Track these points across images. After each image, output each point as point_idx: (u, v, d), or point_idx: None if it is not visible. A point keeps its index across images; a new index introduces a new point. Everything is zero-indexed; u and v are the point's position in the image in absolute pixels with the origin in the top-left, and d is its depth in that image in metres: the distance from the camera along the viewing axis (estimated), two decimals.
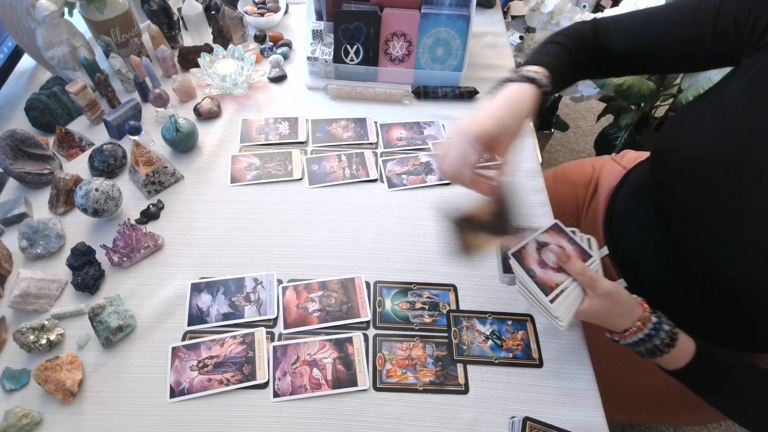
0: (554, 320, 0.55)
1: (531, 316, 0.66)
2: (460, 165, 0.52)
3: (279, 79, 0.99)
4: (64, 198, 0.75)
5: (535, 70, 0.58)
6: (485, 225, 0.58)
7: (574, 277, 0.56)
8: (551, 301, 0.55)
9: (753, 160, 0.52)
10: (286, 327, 0.64)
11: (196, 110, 0.90)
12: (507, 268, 0.61)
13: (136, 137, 0.80)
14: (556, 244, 0.60)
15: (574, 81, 0.68)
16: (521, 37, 1.47)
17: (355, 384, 0.59)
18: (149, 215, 0.75)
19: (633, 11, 0.66)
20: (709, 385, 0.57)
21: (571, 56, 0.64)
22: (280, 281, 0.69)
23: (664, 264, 0.61)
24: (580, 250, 0.60)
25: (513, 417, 0.57)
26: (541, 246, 0.60)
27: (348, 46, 0.93)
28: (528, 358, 0.62)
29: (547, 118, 1.63)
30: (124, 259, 0.68)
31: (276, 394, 0.58)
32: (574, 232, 0.62)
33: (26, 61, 1.00)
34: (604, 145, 1.40)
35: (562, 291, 0.56)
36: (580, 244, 0.60)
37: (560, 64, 0.62)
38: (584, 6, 1.27)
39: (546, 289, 0.56)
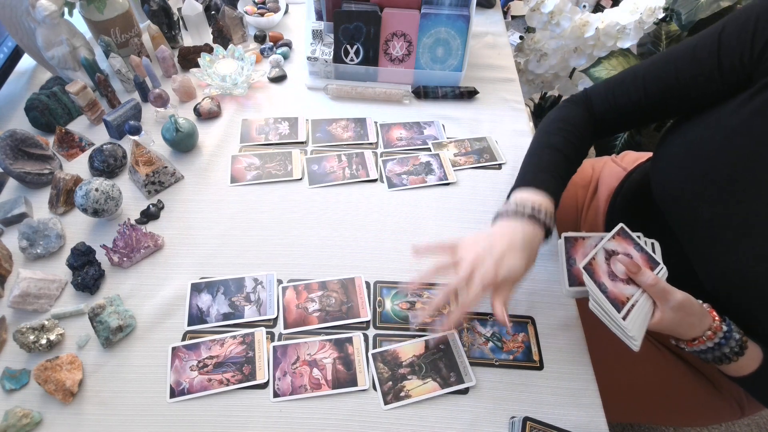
0: (628, 339, 0.52)
1: (532, 318, 0.66)
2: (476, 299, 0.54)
3: (279, 79, 0.99)
4: (64, 198, 0.75)
5: (539, 207, 0.58)
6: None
7: (644, 289, 0.53)
8: (623, 318, 0.51)
9: (758, 180, 0.52)
10: (286, 327, 0.64)
11: (196, 110, 0.90)
12: (573, 281, 0.57)
13: (136, 137, 0.80)
14: (623, 252, 0.57)
15: (574, 172, 0.69)
16: (521, 37, 1.47)
17: (355, 384, 0.59)
18: (149, 215, 0.75)
19: (620, 73, 0.67)
20: None
21: (568, 159, 0.65)
22: (280, 281, 0.69)
23: (675, 282, 0.60)
24: (647, 257, 0.57)
25: (513, 417, 0.57)
26: (609, 255, 0.56)
27: (348, 46, 0.93)
28: (528, 360, 0.62)
29: None
30: (124, 259, 0.68)
31: (276, 394, 0.58)
32: (639, 237, 0.58)
33: (26, 61, 1.00)
34: (604, 145, 1.40)
35: (632, 305, 0.52)
36: (647, 250, 0.57)
37: (561, 177, 0.64)
38: (584, 6, 1.27)
39: (617, 304, 0.52)
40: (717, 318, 0.54)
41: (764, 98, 0.52)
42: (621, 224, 0.59)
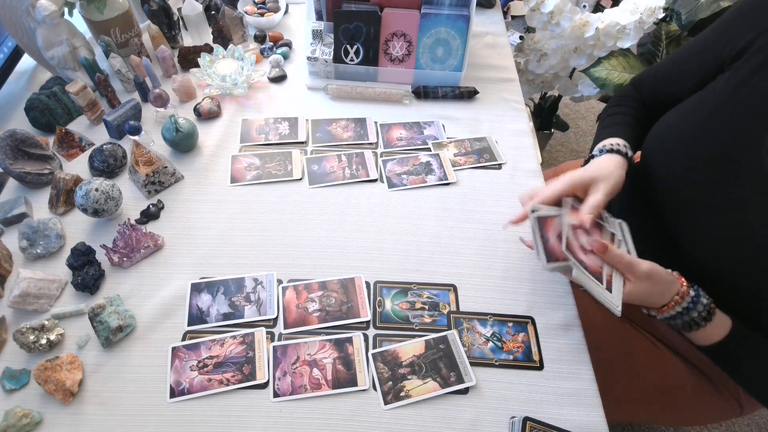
0: (613, 307, 0.55)
1: (532, 318, 0.66)
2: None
3: (279, 79, 0.99)
4: (64, 198, 0.75)
5: (616, 143, 0.66)
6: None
7: (612, 265, 0.57)
8: (608, 290, 0.56)
9: (738, 160, 0.55)
10: (286, 327, 0.64)
11: (196, 110, 0.90)
12: (550, 258, 0.61)
13: (136, 137, 0.80)
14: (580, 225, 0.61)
15: (647, 132, 0.74)
16: (521, 37, 1.47)
17: (355, 384, 0.59)
18: (149, 215, 0.75)
19: (665, 62, 0.73)
20: (739, 361, 0.58)
21: (635, 116, 0.73)
22: (280, 281, 0.69)
23: (660, 260, 0.62)
24: (600, 227, 0.61)
25: (513, 417, 0.57)
26: (574, 228, 0.61)
27: (348, 46, 0.93)
28: (528, 360, 0.62)
29: (547, 118, 1.63)
30: (124, 259, 0.68)
31: (276, 394, 0.58)
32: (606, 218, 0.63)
33: (26, 61, 1.00)
34: None
35: (610, 276, 0.57)
36: (599, 222, 0.61)
37: (631, 129, 0.70)
38: (584, 6, 1.27)
39: (598, 276, 0.57)
40: (685, 284, 0.56)
41: (750, 68, 0.55)
42: (567, 199, 0.63)
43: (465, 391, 0.59)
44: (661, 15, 1.12)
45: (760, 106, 0.54)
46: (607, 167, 0.62)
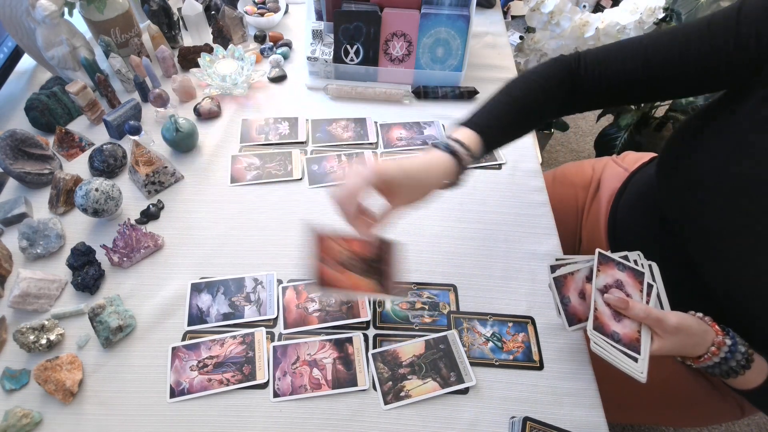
0: (637, 375, 0.51)
1: (532, 318, 0.66)
2: (349, 194, 0.50)
3: (279, 79, 0.99)
4: (64, 198, 0.75)
5: (463, 141, 0.56)
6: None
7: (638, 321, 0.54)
8: (635, 361, 0.52)
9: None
10: (286, 327, 0.64)
11: (196, 110, 0.90)
12: (572, 321, 0.58)
13: (136, 137, 0.80)
14: (612, 280, 0.56)
15: (527, 130, 0.66)
16: (521, 37, 1.47)
17: (355, 384, 0.59)
18: (149, 215, 0.75)
19: (621, 41, 0.62)
20: None
21: (523, 108, 0.61)
22: (280, 281, 0.69)
23: (670, 273, 0.59)
24: (632, 272, 0.57)
25: (513, 417, 0.57)
26: (603, 292, 0.56)
27: (348, 46, 0.93)
28: (528, 360, 0.62)
29: None
30: (124, 259, 0.68)
31: (276, 394, 0.58)
32: (625, 258, 0.58)
33: (26, 61, 1.00)
34: (604, 145, 1.40)
35: (637, 333, 0.53)
36: (630, 266, 0.57)
37: (501, 123, 0.60)
38: (584, 6, 1.27)
39: (634, 346, 0.52)
40: (720, 332, 0.53)
41: None
42: (597, 250, 0.59)
43: (465, 391, 0.59)
44: (661, 15, 1.12)
45: None
46: (424, 169, 0.54)
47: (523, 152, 0.87)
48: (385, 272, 0.55)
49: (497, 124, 0.60)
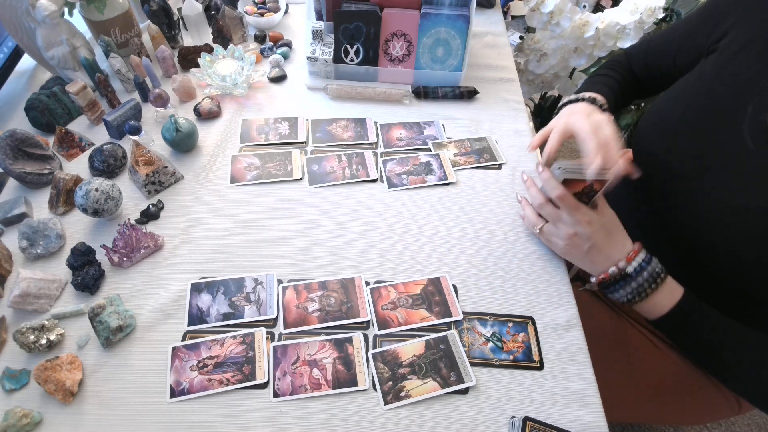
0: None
1: (532, 318, 0.66)
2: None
3: (279, 79, 0.99)
4: (64, 198, 0.75)
5: (593, 96, 0.70)
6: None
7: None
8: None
9: (721, 134, 0.58)
10: (286, 327, 0.64)
11: (196, 110, 0.90)
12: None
13: (136, 137, 0.80)
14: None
15: (629, 102, 0.80)
16: (521, 37, 1.47)
17: (355, 384, 0.59)
18: (149, 215, 0.75)
19: (658, 35, 0.77)
20: (690, 335, 0.59)
21: (620, 81, 0.76)
22: (280, 281, 0.69)
23: (646, 238, 0.64)
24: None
25: (513, 417, 0.57)
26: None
27: (348, 46, 0.93)
28: (528, 360, 0.62)
29: (547, 118, 1.63)
30: (124, 259, 0.68)
31: (276, 394, 0.58)
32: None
33: (26, 61, 1.00)
34: None
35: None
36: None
37: (611, 91, 0.74)
38: (584, 6, 1.27)
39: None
40: (637, 248, 0.60)
41: (735, 49, 0.59)
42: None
43: (465, 391, 0.59)
44: (661, 15, 1.12)
45: (743, 82, 0.57)
46: (582, 112, 0.64)
47: (523, 152, 0.87)
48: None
49: (608, 89, 0.74)
